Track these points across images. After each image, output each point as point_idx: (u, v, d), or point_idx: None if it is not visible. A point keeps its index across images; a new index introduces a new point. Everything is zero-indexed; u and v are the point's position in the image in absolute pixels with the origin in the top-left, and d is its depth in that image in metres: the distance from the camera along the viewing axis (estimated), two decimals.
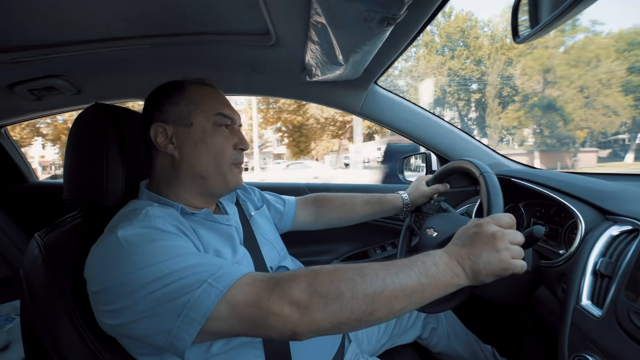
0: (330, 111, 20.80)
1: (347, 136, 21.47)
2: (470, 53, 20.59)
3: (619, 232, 0.57)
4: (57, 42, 0.79)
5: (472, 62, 20.65)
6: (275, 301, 0.43)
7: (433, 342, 0.95)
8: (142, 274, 0.44)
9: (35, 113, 1.23)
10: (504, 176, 0.92)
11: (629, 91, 16.27)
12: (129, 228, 0.49)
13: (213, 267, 0.46)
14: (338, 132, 22.01)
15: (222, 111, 0.63)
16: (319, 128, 21.61)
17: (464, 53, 20.59)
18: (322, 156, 23.76)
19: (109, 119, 0.63)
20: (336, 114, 20.50)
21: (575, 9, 0.45)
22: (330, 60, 0.80)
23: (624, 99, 16.13)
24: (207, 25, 0.78)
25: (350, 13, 0.56)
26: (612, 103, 16.11)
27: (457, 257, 0.49)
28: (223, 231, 0.62)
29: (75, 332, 0.54)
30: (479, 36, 20.92)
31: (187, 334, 0.43)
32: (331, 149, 22.84)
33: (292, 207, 0.91)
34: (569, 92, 16.96)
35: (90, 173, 0.62)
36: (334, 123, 21.24)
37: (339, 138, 22.37)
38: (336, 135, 22.29)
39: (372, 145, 28.43)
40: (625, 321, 0.45)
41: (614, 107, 16.15)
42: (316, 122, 21.09)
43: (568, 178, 0.79)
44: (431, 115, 1.17)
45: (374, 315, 0.44)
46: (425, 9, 0.64)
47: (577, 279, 0.55)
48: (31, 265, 0.57)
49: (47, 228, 0.63)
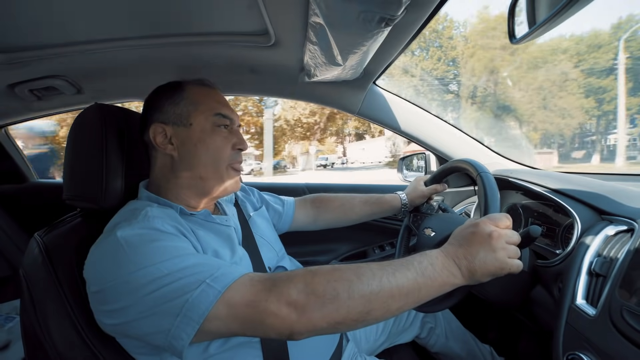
0: (296, 113, 20.91)
1: (318, 137, 21.64)
2: (443, 53, 20.76)
3: (615, 232, 0.57)
4: (57, 42, 0.79)
5: (444, 62, 20.86)
6: (273, 301, 0.43)
7: (431, 342, 0.96)
8: (141, 274, 0.45)
9: (35, 113, 1.23)
10: (502, 176, 0.92)
11: (589, 93, 16.52)
12: (128, 228, 0.50)
13: (211, 268, 0.46)
14: (306, 134, 22.17)
15: (221, 111, 0.63)
16: (289, 129, 21.73)
17: (437, 53, 20.73)
18: (293, 158, 24.10)
19: (109, 119, 0.64)
20: (302, 116, 20.76)
21: (571, 9, 0.45)
22: (328, 61, 0.80)
23: (586, 101, 16.38)
24: (207, 25, 0.78)
25: (348, 14, 0.56)
26: (567, 105, 16.42)
27: (453, 256, 0.50)
28: (222, 232, 0.63)
29: (75, 331, 0.55)
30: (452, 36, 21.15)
31: (186, 333, 0.43)
32: (307, 150, 23.14)
33: (291, 207, 0.92)
34: (524, 94, 17.24)
35: (90, 173, 0.62)
36: (301, 125, 21.30)
37: (308, 140, 22.57)
38: (305, 137, 22.47)
39: (357, 146, 28.44)
40: (618, 320, 0.45)
41: (569, 109, 16.45)
42: (285, 124, 21.16)
43: (565, 178, 0.80)
44: (430, 115, 1.17)
45: (371, 315, 0.44)
46: (423, 9, 0.64)
47: (572, 279, 0.56)
48: (31, 264, 0.57)
49: (46, 228, 0.63)
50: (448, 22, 20.94)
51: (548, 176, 0.83)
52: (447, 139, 1.17)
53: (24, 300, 0.56)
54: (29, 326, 0.55)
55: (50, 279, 0.56)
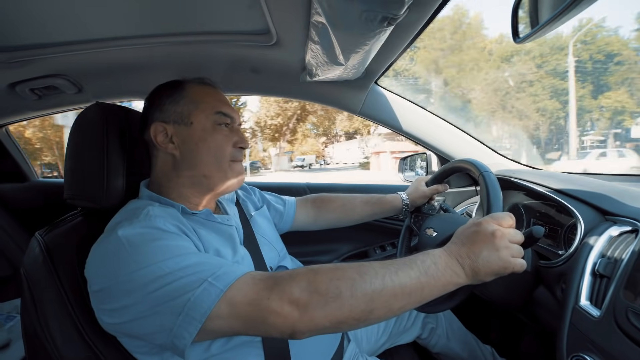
0: (262, 115, 21.04)
1: (287, 139, 21.78)
2: (414, 53, 20.92)
3: (619, 232, 0.57)
4: (58, 41, 0.79)
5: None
6: (275, 300, 0.43)
7: (432, 342, 0.96)
8: (142, 273, 0.45)
9: (36, 112, 1.23)
10: (504, 176, 0.92)
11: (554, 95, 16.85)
12: (129, 227, 0.50)
13: (213, 267, 0.46)
14: (275, 135, 22.30)
15: (222, 110, 0.63)
16: (259, 130, 21.97)
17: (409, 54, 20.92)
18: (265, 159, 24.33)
19: (110, 118, 0.63)
20: (267, 118, 20.96)
21: (575, 9, 0.45)
22: (330, 60, 0.80)
23: (549, 102, 16.67)
24: (208, 25, 0.78)
25: (350, 13, 0.56)
26: (523, 106, 16.63)
27: (456, 256, 0.49)
28: (223, 231, 0.62)
29: (76, 330, 0.54)
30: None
31: (188, 332, 0.43)
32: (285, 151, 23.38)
33: (292, 207, 0.91)
34: (483, 95, 17.41)
35: (91, 172, 0.62)
36: (269, 126, 21.57)
37: (278, 141, 22.67)
38: (274, 138, 22.65)
39: (342, 146, 28.51)
40: (623, 321, 0.45)
41: (525, 111, 16.70)
42: (256, 124, 21.35)
43: (568, 178, 0.79)
44: (432, 115, 1.17)
45: (373, 314, 0.44)
46: (425, 9, 0.64)
47: (576, 279, 0.55)
48: (32, 263, 0.57)
49: (47, 227, 0.63)
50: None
51: (551, 176, 0.83)
52: (448, 139, 1.17)
53: (24, 299, 0.56)
54: (29, 325, 0.55)
55: (51, 278, 0.56)
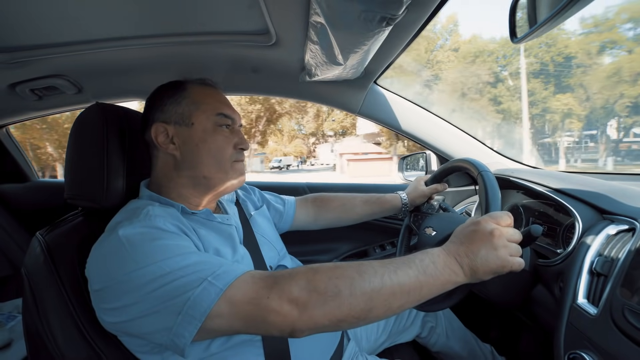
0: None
1: (257, 140, 21.88)
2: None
3: (616, 231, 0.57)
4: (58, 42, 0.80)
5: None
6: (274, 298, 0.43)
7: (432, 341, 0.96)
8: (143, 272, 0.45)
9: (36, 112, 1.23)
10: (503, 176, 0.92)
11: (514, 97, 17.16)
12: (130, 227, 0.50)
13: (213, 266, 0.47)
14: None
15: (223, 111, 0.63)
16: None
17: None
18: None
19: (110, 119, 0.64)
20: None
21: (573, 8, 0.45)
22: (329, 60, 0.80)
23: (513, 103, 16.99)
24: (208, 25, 0.78)
25: (349, 13, 0.56)
26: (481, 108, 16.99)
27: (455, 254, 0.50)
28: (223, 231, 0.63)
29: (77, 330, 0.55)
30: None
31: (188, 331, 0.43)
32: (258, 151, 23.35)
33: (292, 207, 0.92)
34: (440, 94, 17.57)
35: (91, 172, 0.62)
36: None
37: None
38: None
39: (327, 147, 28.59)
40: (619, 319, 0.45)
41: (483, 113, 17.05)
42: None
43: (566, 178, 0.80)
44: (431, 114, 1.17)
45: (372, 312, 0.44)
46: (424, 9, 0.64)
47: (573, 278, 0.56)
48: (33, 263, 0.57)
49: (48, 227, 0.63)
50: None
51: (549, 176, 0.83)
52: (447, 138, 1.17)
53: (26, 299, 0.56)
54: (31, 325, 0.56)
55: (52, 277, 0.56)
